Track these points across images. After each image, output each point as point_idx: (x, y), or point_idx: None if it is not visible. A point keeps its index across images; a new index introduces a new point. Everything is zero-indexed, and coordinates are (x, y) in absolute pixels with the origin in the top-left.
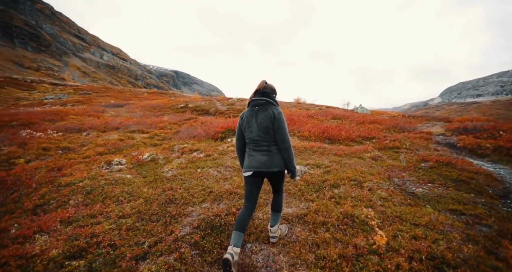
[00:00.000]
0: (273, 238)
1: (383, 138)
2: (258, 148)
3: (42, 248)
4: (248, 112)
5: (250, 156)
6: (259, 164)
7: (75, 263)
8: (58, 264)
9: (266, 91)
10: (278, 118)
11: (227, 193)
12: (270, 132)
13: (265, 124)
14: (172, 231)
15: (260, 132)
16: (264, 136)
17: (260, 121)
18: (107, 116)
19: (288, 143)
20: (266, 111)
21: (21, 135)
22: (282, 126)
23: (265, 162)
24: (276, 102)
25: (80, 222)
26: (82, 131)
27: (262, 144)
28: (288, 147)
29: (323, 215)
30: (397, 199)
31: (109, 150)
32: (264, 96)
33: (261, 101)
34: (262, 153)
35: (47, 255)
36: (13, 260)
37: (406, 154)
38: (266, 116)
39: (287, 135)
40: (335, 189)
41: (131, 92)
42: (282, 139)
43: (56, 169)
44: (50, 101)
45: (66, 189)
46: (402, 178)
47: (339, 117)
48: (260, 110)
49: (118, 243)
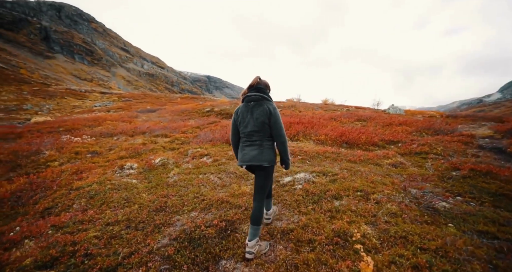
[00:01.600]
0: (249, 253)
1: (410, 142)
2: (251, 143)
3: (21, 255)
4: (243, 107)
5: (242, 150)
6: (250, 158)
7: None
8: None
9: (260, 87)
10: (274, 114)
11: (218, 202)
12: (265, 127)
13: (260, 119)
14: (149, 242)
15: (255, 127)
16: (258, 131)
17: (256, 117)
18: (139, 121)
19: (284, 138)
20: (262, 106)
21: (61, 140)
22: (278, 122)
23: (255, 156)
24: (270, 97)
25: (70, 228)
26: (114, 136)
27: (255, 138)
28: (284, 141)
29: (312, 231)
30: (409, 215)
31: (129, 154)
32: (259, 91)
33: (256, 96)
34: (254, 148)
35: (20, 264)
36: None
37: (434, 161)
38: (262, 111)
39: (283, 129)
40: (336, 201)
41: (166, 97)
42: (279, 134)
43: (79, 172)
44: (97, 108)
45: (74, 193)
46: (421, 189)
47: (365, 118)
48: (256, 106)
49: (94, 253)
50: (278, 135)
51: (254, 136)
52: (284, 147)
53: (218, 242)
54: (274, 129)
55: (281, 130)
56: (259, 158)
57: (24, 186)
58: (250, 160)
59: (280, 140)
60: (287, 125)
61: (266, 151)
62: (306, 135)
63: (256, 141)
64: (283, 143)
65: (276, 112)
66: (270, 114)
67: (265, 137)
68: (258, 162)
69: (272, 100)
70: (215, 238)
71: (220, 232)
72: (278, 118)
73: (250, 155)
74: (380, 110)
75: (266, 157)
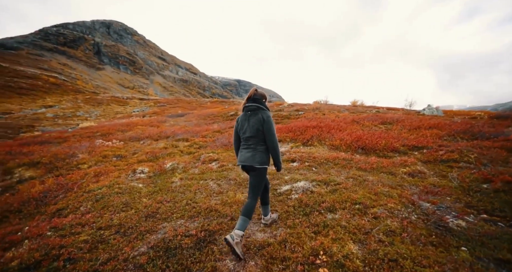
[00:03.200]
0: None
1: (437, 147)
2: (247, 146)
3: (12, 256)
4: (242, 116)
5: (240, 152)
6: (244, 159)
7: None
8: None
9: (256, 98)
10: (267, 121)
11: (206, 211)
12: (259, 133)
13: (255, 126)
14: (126, 250)
15: (251, 133)
16: (253, 136)
17: (251, 124)
18: (166, 126)
19: (275, 143)
20: (257, 115)
21: (95, 144)
22: (270, 128)
23: (249, 157)
24: (265, 106)
25: (65, 230)
26: (140, 140)
27: (251, 142)
28: (275, 147)
29: (290, 248)
30: (412, 234)
31: (148, 158)
32: (255, 102)
33: (252, 106)
34: (248, 151)
35: (6, 265)
36: None
37: (462, 170)
38: (257, 119)
39: (274, 135)
40: (330, 213)
41: (197, 102)
42: (271, 139)
43: (98, 175)
44: (135, 113)
45: (84, 196)
46: (436, 203)
47: (391, 121)
48: (252, 115)
49: (77, 257)
50: (270, 141)
51: (250, 141)
52: (275, 152)
53: (193, 253)
54: (266, 135)
55: (272, 136)
56: (251, 159)
57: (52, 187)
58: (244, 161)
59: (272, 145)
60: (302, 129)
61: (259, 154)
62: (321, 140)
63: (251, 145)
64: (274, 148)
65: (269, 120)
66: (264, 122)
67: (259, 142)
68: (251, 163)
69: (267, 109)
70: (191, 249)
71: (197, 243)
72: (271, 125)
73: (245, 156)
74: (413, 111)
75: (257, 159)
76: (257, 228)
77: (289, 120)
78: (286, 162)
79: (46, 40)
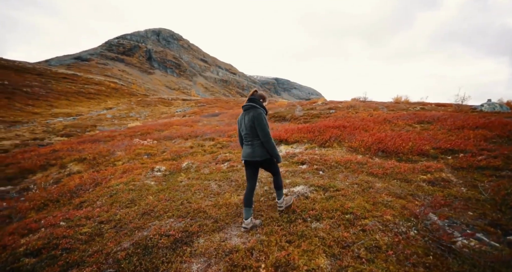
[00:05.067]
0: (280, 207)
1: (477, 152)
2: (246, 142)
3: (23, 243)
4: (241, 115)
5: (243, 148)
6: (246, 155)
7: (27, 260)
8: (16, 259)
9: (253, 98)
10: (258, 118)
11: (195, 211)
12: (253, 129)
13: (249, 123)
14: (110, 245)
15: (247, 130)
16: (249, 133)
17: (246, 122)
18: (198, 126)
19: (267, 137)
20: (250, 113)
21: (133, 143)
22: (260, 123)
23: (249, 153)
24: (260, 105)
25: (73, 222)
26: (172, 139)
27: (249, 139)
28: (267, 140)
29: (256, 257)
30: (402, 252)
31: (172, 157)
32: (251, 101)
33: (247, 106)
34: (248, 147)
35: (15, 250)
36: None
37: (501, 180)
38: (250, 117)
39: (265, 130)
40: (316, 222)
41: (234, 101)
42: (262, 134)
43: (125, 172)
44: (177, 113)
45: (103, 191)
46: (445, 218)
47: (430, 120)
48: (247, 113)
49: (73, 248)
50: (262, 135)
51: (248, 137)
52: (268, 144)
53: (166, 253)
54: (258, 130)
55: (263, 130)
56: (252, 155)
57: (86, 181)
58: (246, 157)
59: (264, 139)
60: (322, 129)
61: (257, 148)
62: (341, 141)
63: (249, 141)
64: (267, 141)
65: (259, 117)
66: (254, 118)
67: (255, 137)
68: (252, 158)
69: (262, 108)
70: (166, 248)
71: (174, 243)
72: (261, 121)
73: (246, 152)
74: (468, 108)
75: (257, 153)
76: (236, 232)
77: (318, 119)
78: (295, 164)
79: (109, 50)
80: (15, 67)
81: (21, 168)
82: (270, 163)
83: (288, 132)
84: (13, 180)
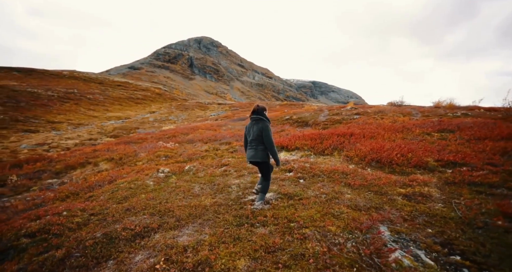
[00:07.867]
0: (255, 208)
1: (482, 166)
2: (251, 146)
3: (29, 226)
4: (249, 124)
5: (247, 151)
6: (250, 156)
7: (24, 240)
8: (16, 238)
9: (259, 111)
10: (265, 129)
11: (166, 210)
12: (259, 137)
13: (257, 132)
14: (84, 234)
15: (254, 137)
16: (255, 139)
17: (254, 130)
18: (222, 130)
19: (271, 144)
20: (258, 124)
21: (157, 145)
22: (267, 134)
23: (252, 156)
24: (265, 117)
25: (71, 212)
26: (194, 143)
27: (253, 144)
28: (271, 147)
29: (187, 254)
30: (323, 263)
31: (183, 160)
32: (258, 114)
33: (256, 118)
34: (252, 150)
35: (19, 231)
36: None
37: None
38: (258, 128)
39: (270, 139)
40: (261, 228)
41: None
42: (267, 142)
43: (139, 172)
44: (211, 117)
45: (110, 187)
46: (396, 233)
47: (453, 128)
48: (255, 124)
49: (60, 234)
50: (267, 143)
51: (253, 143)
52: (272, 151)
53: (124, 244)
54: (264, 139)
55: (268, 139)
56: (255, 157)
57: (105, 178)
58: (250, 158)
59: (268, 146)
60: (326, 136)
61: (259, 152)
62: (341, 149)
63: (254, 146)
64: (270, 148)
65: (267, 128)
66: (262, 129)
67: (259, 143)
68: (255, 159)
69: (266, 120)
70: (126, 240)
71: (133, 236)
72: (268, 132)
73: (249, 154)
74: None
75: (259, 156)
76: (189, 231)
77: (339, 124)
78: (282, 171)
79: (157, 59)
80: (83, 77)
81: (66, 165)
82: (266, 167)
83: (291, 139)
84: (59, 174)
